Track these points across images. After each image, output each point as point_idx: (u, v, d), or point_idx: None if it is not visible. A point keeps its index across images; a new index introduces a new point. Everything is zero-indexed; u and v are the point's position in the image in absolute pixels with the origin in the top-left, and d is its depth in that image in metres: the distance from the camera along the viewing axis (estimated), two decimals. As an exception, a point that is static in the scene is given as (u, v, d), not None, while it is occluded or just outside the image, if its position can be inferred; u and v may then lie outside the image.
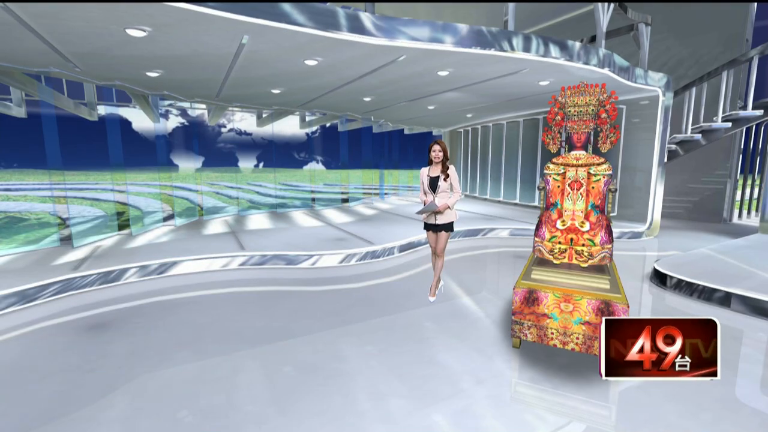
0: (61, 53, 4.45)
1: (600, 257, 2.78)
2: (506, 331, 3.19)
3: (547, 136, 3.13)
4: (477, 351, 2.91)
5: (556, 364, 2.71)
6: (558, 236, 2.90)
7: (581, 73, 5.49)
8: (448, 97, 7.47)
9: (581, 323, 2.64)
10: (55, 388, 2.52)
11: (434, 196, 3.64)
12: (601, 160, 2.92)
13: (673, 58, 9.02)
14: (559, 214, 2.97)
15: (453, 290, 4.24)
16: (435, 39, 4.50)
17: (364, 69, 5.32)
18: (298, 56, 4.69)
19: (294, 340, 3.13)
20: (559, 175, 2.98)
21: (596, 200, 2.88)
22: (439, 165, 3.64)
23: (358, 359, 2.82)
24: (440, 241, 3.78)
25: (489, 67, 5.36)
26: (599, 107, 2.92)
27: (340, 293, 4.18)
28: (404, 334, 3.19)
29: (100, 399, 2.40)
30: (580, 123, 2.98)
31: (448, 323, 3.40)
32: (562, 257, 2.88)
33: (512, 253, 5.86)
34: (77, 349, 3.02)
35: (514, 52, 4.86)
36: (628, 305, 2.53)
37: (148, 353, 2.94)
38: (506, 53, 4.83)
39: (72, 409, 2.32)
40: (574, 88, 2.99)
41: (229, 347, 3.02)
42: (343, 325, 3.39)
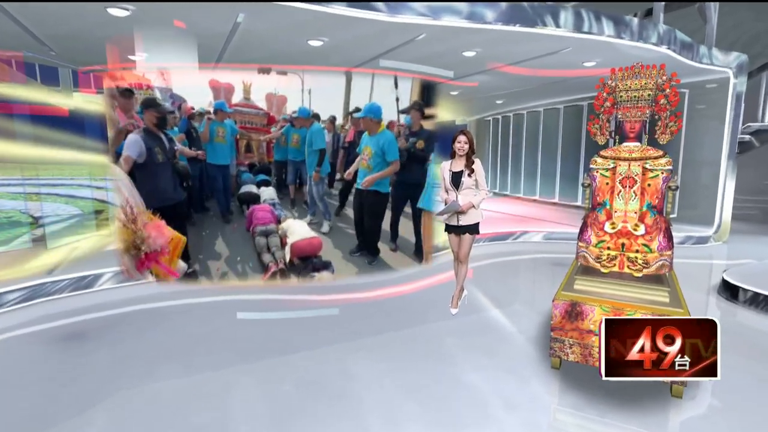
0: (35, 36, 4.58)
1: (657, 265, 2.75)
2: (543, 349, 3.17)
3: (593, 125, 3.11)
4: (509, 371, 2.90)
5: (603, 388, 2.68)
6: (606, 241, 2.88)
7: (635, 52, 5.43)
8: (473, 79, 7.46)
9: (633, 342, 2.60)
10: (29, 403, 2.60)
11: (457, 193, 3.65)
12: (659, 152, 2.89)
13: (745, 34, 8.83)
14: (608, 216, 2.95)
15: (479, 302, 4.24)
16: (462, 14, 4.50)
17: (376, 50, 5.36)
18: (301, 36, 4.75)
19: (295, 354, 3.17)
20: (609, 170, 2.96)
21: (653, 199, 2.85)
22: (463, 158, 3.64)
23: (370, 378, 2.83)
24: (464, 246, 3.78)
25: (524, 46, 5.34)
26: (657, 92, 2.90)
27: (349, 303, 4.22)
28: (423, 351, 3.20)
29: (78, 415, 2.47)
30: (633, 110, 2.96)
31: (475, 339, 3.40)
32: (612, 265, 2.85)
33: (550, 259, 5.82)
34: (53, 360, 3.11)
35: (558, 29, 4.82)
36: (690, 322, 2.48)
37: (132, 366, 3.01)
38: (545, 30, 4.80)
39: (47, 426, 2.39)
40: (627, 69, 2.97)
41: (223, 361, 3.07)
42: (352, 338, 3.42)
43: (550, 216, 8.66)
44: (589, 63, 6.18)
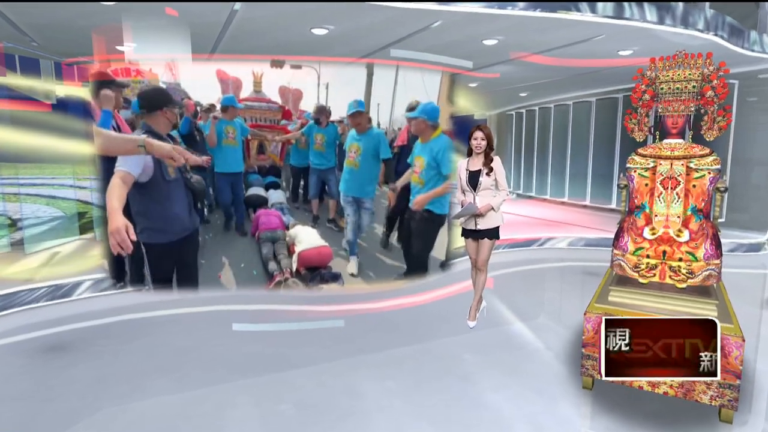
0: (16, 25, 4.66)
1: (704, 276, 2.73)
2: (574, 367, 3.14)
3: (630, 120, 3.11)
4: (535, 391, 2.89)
5: (642, 411, 2.66)
6: (646, 248, 2.87)
7: (677, 39, 5.38)
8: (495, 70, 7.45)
9: (677, 361, 2.58)
10: (6, 420, 2.62)
11: (474, 194, 3.65)
12: (706, 150, 2.88)
13: (802, 19, 8.71)
14: (647, 220, 2.94)
15: (500, 314, 4.23)
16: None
17: (386, 39, 5.39)
18: (304, 24, 4.78)
19: (295, 371, 3.18)
20: (648, 169, 2.96)
21: (698, 202, 2.84)
22: (481, 156, 3.64)
23: (378, 397, 2.83)
24: (482, 252, 3.77)
25: (552, 34, 5.33)
26: (703, 83, 2.89)
27: (355, 314, 4.22)
28: (437, 368, 3.20)
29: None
30: (676, 103, 2.96)
31: (496, 355, 3.39)
32: (652, 275, 2.84)
33: (580, 268, 5.80)
34: (31, 374, 3.14)
35: (590, 14, 4.80)
36: (743, 338, 2.46)
37: (117, 381, 3.03)
38: (575, 15, 4.79)
39: (26, 444, 2.41)
40: (669, 59, 2.98)
41: (216, 377, 3.09)
42: (358, 354, 3.42)
43: (580, 220, 8.64)
44: (625, 51, 6.15)
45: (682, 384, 2.57)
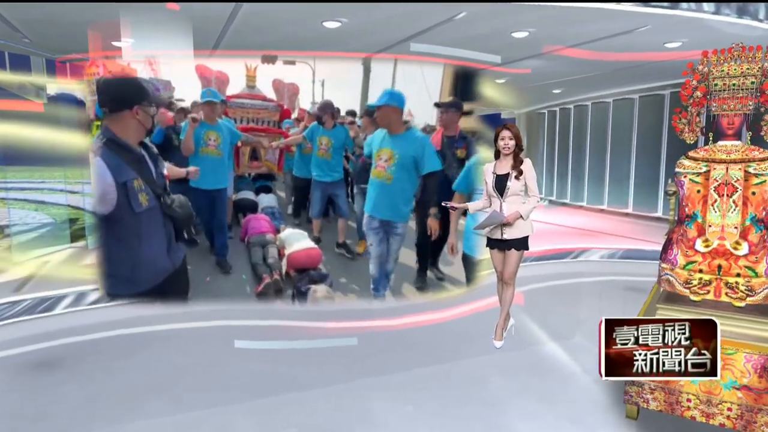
0: (7, 21, 4.80)
1: (765, 293, 2.68)
2: (615, 394, 3.09)
3: (680, 120, 3.08)
4: (572, 420, 2.86)
5: (694, 447, 2.62)
6: (698, 262, 2.83)
7: (732, 30, 5.34)
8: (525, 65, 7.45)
9: (736, 388, 2.55)
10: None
11: (501, 200, 3.63)
12: (766, 153, 2.84)
13: None
14: (699, 231, 2.91)
15: (531, 333, 4.20)
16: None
17: (404, 32, 5.42)
18: (314, 17, 4.84)
19: (303, 393, 3.17)
20: (700, 174, 2.92)
21: (759, 211, 2.81)
22: (509, 158, 3.63)
23: (395, 424, 2.81)
24: (509, 264, 3.74)
25: (590, 25, 5.33)
26: (763, 79, 2.86)
27: (370, 332, 4.21)
28: (461, 392, 3.18)
29: (47, 456, 2.52)
30: (732, 101, 2.92)
31: (526, 379, 3.36)
32: (705, 292, 2.80)
33: (621, 283, 5.75)
34: (21, 391, 3.19)
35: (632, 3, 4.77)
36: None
37: (110, 400, 3.06)
38: (617, 5, 4.76)
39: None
40: (725, 52, 2.95)
41: (215, 398, 3.09)
42: (373, 375, 3.40)
43: (621, 230, 8.60)
44: (673, 44, 6.14)
45: (741, 414, 2.53)
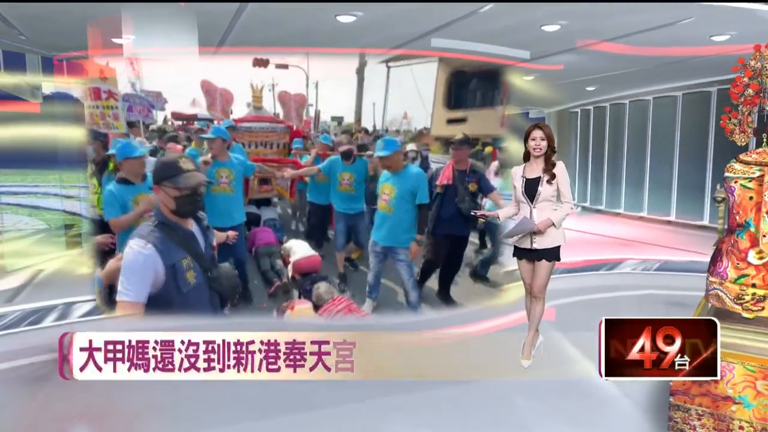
0: (3, 17, 4.94)
1: None
2: (658, 419, 3.10)
3: (729, 120, 3.08)
4: (611, 449, 2.84)
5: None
6: (751, 275, 2.82)
7: (788, 22, 5.31)
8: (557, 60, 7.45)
9: (793, 415, 2.56)
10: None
11: (531, 207, 3.62)
12: None
13: None
14: (752, 241, 2.90)
15: (563, 352, 4.15)
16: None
17: (424, 27, 5.48)
18: (328, 11, 4.92)
19: (314, 413, 3.19)
20: (753, 179, 2.91)
21: None
22: (540, 161, 3.60)
23: (416, 448, 2.82)
24: (539, 276, 3.72)
25: (628, 17, 5.33)
26: None
27: (385, 348, 4.21)
28: (484, 414, 3.18)
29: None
30: None
31: (557, 401, 3.35)
32: (759, 308, 2.79)
33: (663, 298, 5.73)
34: (11, 408, 3.26)
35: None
36: None
37: (107, 419, 3.14)
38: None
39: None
40: None
41: (220, 418, 3.12)
42: (387, 394, 3.38)
43: (662, 239, 8.60)
44: (721, 37, 6.12)
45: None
